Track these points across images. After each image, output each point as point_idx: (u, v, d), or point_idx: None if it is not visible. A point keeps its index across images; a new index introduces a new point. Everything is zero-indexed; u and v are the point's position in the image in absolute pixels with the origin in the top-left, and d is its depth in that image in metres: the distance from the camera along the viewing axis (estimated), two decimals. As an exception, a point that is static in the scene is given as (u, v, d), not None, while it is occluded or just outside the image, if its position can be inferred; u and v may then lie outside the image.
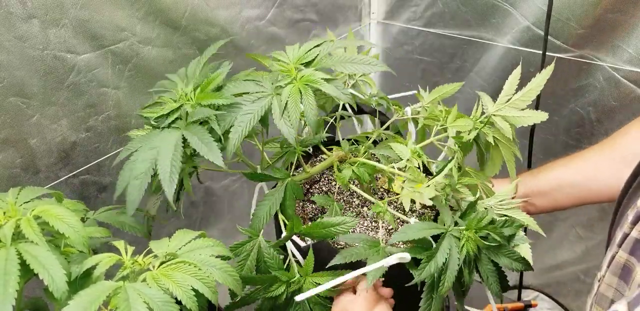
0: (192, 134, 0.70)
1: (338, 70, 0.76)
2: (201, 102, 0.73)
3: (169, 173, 0.67)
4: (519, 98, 0.82)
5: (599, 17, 1.09)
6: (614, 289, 0.67)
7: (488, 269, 0.77)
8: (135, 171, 0.69)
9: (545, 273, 1.54)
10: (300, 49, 0.78)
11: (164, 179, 0.67)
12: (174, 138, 0.70)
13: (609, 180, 0.84)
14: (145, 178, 0.69)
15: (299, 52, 0.78)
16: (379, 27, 1.50)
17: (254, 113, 0.71)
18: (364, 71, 0.76)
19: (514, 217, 0.82)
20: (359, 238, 0.76)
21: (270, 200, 0.80)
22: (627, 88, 1.12)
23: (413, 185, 0.76)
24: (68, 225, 0.58)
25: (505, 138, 0.83)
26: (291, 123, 0.71)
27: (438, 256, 0.72)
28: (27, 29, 0.78)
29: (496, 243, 0.74)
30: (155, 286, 0.58)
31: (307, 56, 0.77)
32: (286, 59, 0.77)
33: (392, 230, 0.86)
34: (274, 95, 0.73)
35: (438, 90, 0.89)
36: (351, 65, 0.75)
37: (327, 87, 0.72)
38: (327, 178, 0.96)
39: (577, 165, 0.89)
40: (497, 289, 0.77)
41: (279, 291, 0.75)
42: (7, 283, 0.52)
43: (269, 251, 0.77)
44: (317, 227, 0.75)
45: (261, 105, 0.72)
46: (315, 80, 0.72)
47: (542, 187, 0.90)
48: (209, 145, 0.68)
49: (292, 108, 0.71)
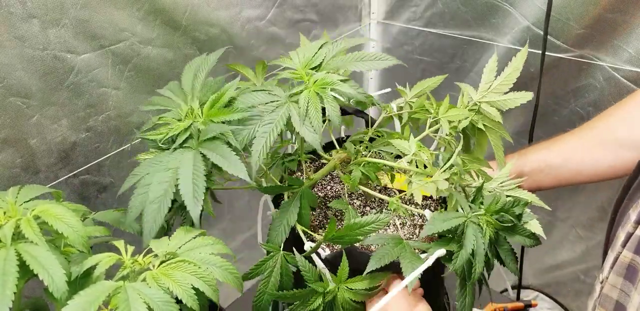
0: (210, 151, 0.67)
1: (350, 69, 0.75)
2: (212, 118, 0.70)
3: (192, 193, 0.65)
4: (500, 82, 0.86)
5: (599, 17, 1.09)
6: (618, 290, 0.67)
7: (505, 249, 0.78)
8: (152, 194, 0.66)
9: (545, 273, 1.54)
10: (305, 54, 0.77)
11: (187, 200, 0.64)
12: (190, 158, 0.68)
13: (586, 162, 0.89)
14: (164, 202, 0.66)
15: (304, 56, 0.77)
16: (379, 27, 1.50)
17: (274, 122, 0.69)
18: (375, 67, 0.75)
19: (517, 196, 0.85)
20: (384, 238, 0.76)
21: (287, 211, 0.78)
22: (627, 88, 1.12)
23: (421, 178, 0.76)
24: (67, 225, 0.58)
25: (493, 123, 0.87)
26: (314, 129, 0.69)
27: (466, 244, 0.72)
28: (27, 29, 0.78)
29: (512, 224, 0.76)
30: (155, 285, 0.57)
31: (314, 60, 0.75)
32: (293, 65, 0.76)
33: (402, 226, 0.87)
34: (290, 103, 0.71)
35: (420, 85, 0.92)
36: (362, 63, 0.74)
37: (344, 87, 0.71)
38: (321, 183, 0.96)
39: (558, 148, 0.92)
40: (515, 268, 0.79)
41: (316, 303, 0.74)
42: (5, 285, 0.52)
43: (304, 263, 0.74)
44: (351, 229, 0.72)
45: (280, 114, 0.70)
46: (332, 82, 0.71)
47: (527, 169, 0.94)
48: (231, 160, 0.66)
49: (313, 114, 0.69)
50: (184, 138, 0.71)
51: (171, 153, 0.70)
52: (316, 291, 0.73)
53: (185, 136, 0.71)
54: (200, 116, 0.72)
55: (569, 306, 1.54)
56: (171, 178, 0.67)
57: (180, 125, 0.71)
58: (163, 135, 0.72)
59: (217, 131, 0.68)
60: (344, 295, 0.73)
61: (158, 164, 0.69)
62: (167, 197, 0.66)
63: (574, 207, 1.37)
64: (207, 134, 0.69)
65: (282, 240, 0.77)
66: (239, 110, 0.70)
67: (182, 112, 0.74)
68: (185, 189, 0.65)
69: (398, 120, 0.95)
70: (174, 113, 0.75)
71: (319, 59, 0.76)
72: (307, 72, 0.74)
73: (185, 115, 0.73)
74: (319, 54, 0.76)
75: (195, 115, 0.72)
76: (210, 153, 0.67)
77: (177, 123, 0.72)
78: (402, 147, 0.78)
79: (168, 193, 0.66)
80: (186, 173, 0.66)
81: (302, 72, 0.74)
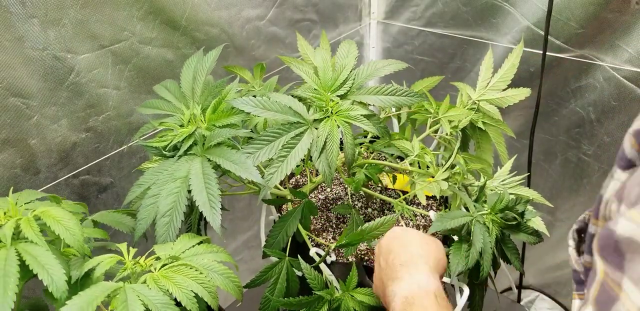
0: (218, 157, 0.66)
1: (376, 104, 0.73)
2: (215, 123, 0.69)
3: (208, 203, 0.64)
4: (497, 80, 0.87)
5: (599, 17, 1.09)
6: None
7: (510, 247, 0.78)
8: (162, 207, 0.65)
9: (545, 273, 1.54)
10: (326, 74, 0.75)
11: (205, 210, 0.63)
12: (198, 166, 0.67)
13: None
14: (176, 215, 0.65)
15: (325, 76, 0.74)
16: (379, 27, 1.50)
17: (295, 148, 0.67)
18: (402, 103, 0.74)
19: (518, 193, 0.85)
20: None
21: (287, 221, 0.78)
22: (627, 88, 1.12)
23: (424, 179, 0.76)
24: (65, 228, 0.58)
25: (493, 120, 0.88)
26: (329, 165, 0.67)
27: (475, 242, 0.72)
28: (27, 29, 0.78)
29: (516, 222, 0.76)
30: (155, 287, 0.57)
31: (341, 88, 0.73)
32: (317, 84, 0.73)
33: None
34: (311, 128, 0.69)
35: (419, 85, 0.93)
36: (388, 98, 0.73)
37: (367, 124, 0.69)
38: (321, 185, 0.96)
39: None
40: (520, 266, 0.80)
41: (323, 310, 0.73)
42: (6, 285, 0.52)
43: (310, 271, 0.73)
44: (359, 235, 0.72)
45: (303, 141, 0.67)
46: (355, 117, 0.69)
47: None
48: (242, 165, 0.64)
49: (331, 148, 0.68)
50: (189, 145, 0.69)
51: (176, 161, 0.69)
52: (323, 298, 0.73)
53: (189, 143, 0.69)
54: (203, 121, 0.71)
55: (569, 306, 1.54)
56: (180, 189, 0.66)
57: (183, 131, 0.70)
58: (167, 142, 0.70)
59: (224, 136, 0.67)
60: (348, 304, 0.73)
61: (163, 173, 0.68)
62: (180, 209, 0.65)
63: (574, 207, 1.37)
64: (213, 140, 0.67)
65: (280, 248, 0.77)
66: (238, 112, 0.69)
67: (185, 118, 0.72)
68: (201, 199, 0.64)
69: (396, 120, 0.95)
70: (175, 118, 0.74)
71: (346, 88, 0.73)
72: (332, 98, 0.72)
73: (188, 121, 0.72)
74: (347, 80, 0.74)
75: (198, 119, 0.71)
76: (220, 159, 0.66)
77: (180, 129, 0.71)
78: (405, 148, 0.79)
79: (179, 205, 0.65)
80: (198, 182, 0.65)
81: (326, 97, 0.72)
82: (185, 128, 0.71)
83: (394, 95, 0.73)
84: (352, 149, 0.70)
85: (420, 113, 0.89)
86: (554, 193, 1.37)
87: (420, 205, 0.91)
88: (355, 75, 0.75)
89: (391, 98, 0.73)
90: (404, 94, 0.73)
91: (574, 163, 1.30)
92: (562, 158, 1.32)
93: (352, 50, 0.78)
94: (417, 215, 0.89)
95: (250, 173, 0.64)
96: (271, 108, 0.69)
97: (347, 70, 0.75)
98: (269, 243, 0.77)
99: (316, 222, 0.89)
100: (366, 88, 0.75)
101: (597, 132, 1.22)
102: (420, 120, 0.91)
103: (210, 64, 0.76)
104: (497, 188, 0.87)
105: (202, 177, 0.65)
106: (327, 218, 0.90)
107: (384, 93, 0.73)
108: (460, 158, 0.80)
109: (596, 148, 1.24)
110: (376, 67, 0.76)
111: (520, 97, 0.87)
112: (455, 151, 0.79)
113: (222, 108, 0.70)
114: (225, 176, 0.75)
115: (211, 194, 0.64)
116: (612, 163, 0.43)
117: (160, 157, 0.72)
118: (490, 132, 0.88)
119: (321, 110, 0.71)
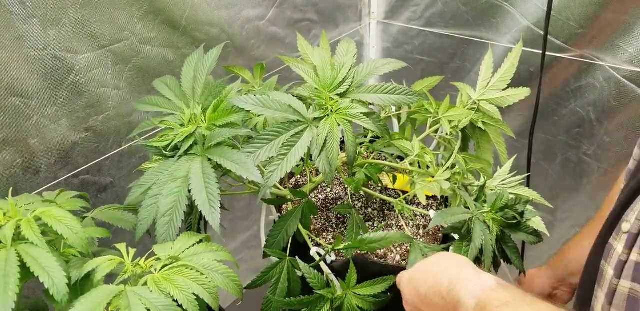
0: (218, 157, 0.66)
1: (376, 103, 0.73)
2: (215, 122, 0.69)
3: (207, 203, 0.64)
4: (497, 79, 0.87)
5: (599, 17, 1.09)
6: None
7: (510, 246, 0.78)
8: (162, 207, 0.65)
9: (544, 273, 1.54)
10: (325, 72, 0.74)
11: (205, 210, 0.63)
12: (198, 166, 0.67)
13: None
14: (177, 214, 0.65)
15: (325, 75, 0.74)
16: (379, 27, 1.50)
17: (295, 146, 0.67)
18: (401, 102, 0.73)
19: (518, 193, 0.85)
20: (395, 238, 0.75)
21: (287, 220, 0.78)
22: (627, 88, 1.12)
23: (425, 178, 0.76)
24: (68, 227, 0.58)
25: (493, 120, 0.88)
26: (329, 163, 0.67)
27: (475, 239, 0.72)
28: (27, 28, 0.77)
29: (516, 221, 0.76)
30: (157, 290, 0.57)
31: (341, 86, 0.73)
32: (317, 83, 0.73)
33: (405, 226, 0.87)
34: (311, 127, 0.69)
35: (418, 85, 0.93)
36: (388, 96, 0.73)
37: (366, 122, 0.69)
38: (321, 185, 0.96)
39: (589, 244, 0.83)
40: (521, 264, 0.80)
41: (325, 309, 0.73)
42: (7, 287, 0.52)
43: (309, 271, 0.73)
44: (357, 244, 0.72)
45: (303, 139, 0.67)
46: (355, 115, 0.69)
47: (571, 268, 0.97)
48: (242, 165, 0.64)
49: (331, 146, 0.68)
50: (189, 145, 0.69)
51: (176, 161, 0.69)
52: (324, 297, 0.73)
53: (190, 142, 0.69)
54: (203, 121, 0.70)
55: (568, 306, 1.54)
56: (180, 189, 0.66)
57: (184, 131, 0.70)
58: (168, 142, 0.70)
59: (225, 136, 0.67)
60: (351, 302, 0.73)
61: (164, 173, 0.68)
62: (180, 209, 0.65)
63: (574, 207, 1.37)
64: (214, 140, 0.67)
65: (280, 248, 0.77)
66: (238, 110, 0.69)
67: (185, 118, 0.72)
68: (201, 199, 0.64)
69: (396, 120, 0.95)
70: (176, 117, 0.74)
71: (345, 86, 0.73)
72: (331, 96, 0.72)
73: (188, 120, 0.71)
74: (346, 78, 0.74)
75: (199, 119, 0.71)
76: (220, 159, 0.66)
77: (181, 129, 0.71)
78: (405, 148, 0.79)
79: (179, 204, 0.65)
80: (198, 182, 0.65)
81: (326, 96, 0.72)
82: (186, 127, 0.71)
83: (393, 94, 0.73)
84: (353, 147, 0.69)
85: (420, 113, 0.89)
86: (554, 193, 1.37)
87: (420, 204, 0.91)
88: (354, 73, 0.75)
89: (391, 97, 0.73)
90: (403, 93, 0.73)
91: (574, 163, 1.30)
92: (562, 158, 1.32)
93: (351, 49, 0.78)
94: (417, 214, 0.89)
95: (251, 173, 0.64)
96: (271, 106, 0.69)
97: (346, 68, 0.75)
98: (269, 243, 0.77)
99: (316, 221, 0.89)
100: (366, 87, 0.75)
101: (597, 132, 1.22)
102: (420, 120, 0.91)
103: (211, 63, 0.76)
104: (497, 188, 0.87)
105: (202, 177, 0.65)
106: (327, 218, 0.90)
107: (383, 92, 0.73)
108: (460, 158, 0.80)
109: (596, 148, 1.23)
110: (375, 65, 0.76)
111: (520, 97, 0.87)
112: (455, 151, 0.79)
113: (222, 108, 0.70)
114: (225, 176, 0.75)
115: (211, 194, 0.64)
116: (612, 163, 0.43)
117: (161, 156, 0.71)
118: (490, 132, 0.88)
119: (321, 108, 0.71)
